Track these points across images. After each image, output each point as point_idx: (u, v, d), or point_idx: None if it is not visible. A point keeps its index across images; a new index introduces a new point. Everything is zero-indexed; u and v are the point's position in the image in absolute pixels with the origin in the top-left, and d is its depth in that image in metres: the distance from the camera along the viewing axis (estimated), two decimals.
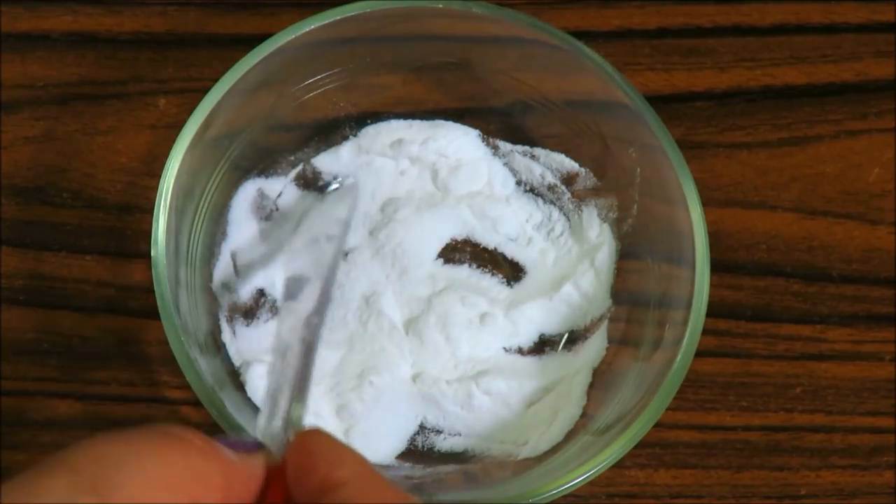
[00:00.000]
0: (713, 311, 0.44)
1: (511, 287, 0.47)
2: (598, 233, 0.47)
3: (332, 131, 0.48)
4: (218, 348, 0.45)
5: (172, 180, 0.41)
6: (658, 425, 0.40)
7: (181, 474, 0.26)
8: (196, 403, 0.39)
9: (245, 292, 0.46)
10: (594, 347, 0.46)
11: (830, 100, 0.52)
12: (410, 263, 0.46)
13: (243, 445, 0.29)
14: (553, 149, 0.48)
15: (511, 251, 0.48)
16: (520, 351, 0.46)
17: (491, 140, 0.48)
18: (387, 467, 0.44)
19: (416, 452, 0.45)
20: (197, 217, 0.44)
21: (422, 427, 0.45)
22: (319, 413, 0.44)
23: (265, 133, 0.46)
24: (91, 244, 0.48)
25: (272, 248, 0.46)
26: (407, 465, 0.44)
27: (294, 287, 0.37)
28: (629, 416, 0.40)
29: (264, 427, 0.31)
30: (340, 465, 0.28)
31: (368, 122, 0.48)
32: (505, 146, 0.49)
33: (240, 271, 0.46)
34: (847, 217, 0.50)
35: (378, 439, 0.44)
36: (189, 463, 0.27)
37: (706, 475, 0.46)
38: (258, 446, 0.30)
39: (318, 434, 0.30)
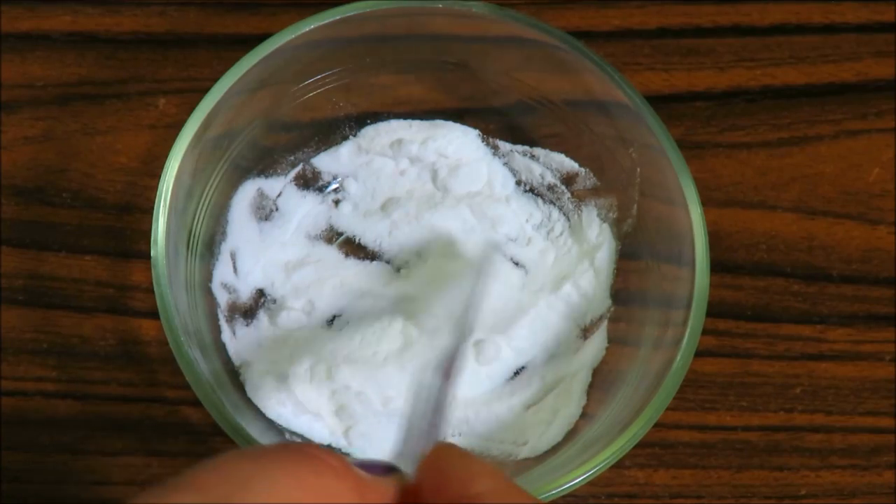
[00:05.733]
0: (713, 311, 0.44)
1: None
2: (597, 233, 0.47)
3: (331, 131, 0.48)
4: (218, 348, 0.45)
5: (172, 180, 0.41)
6: (658, 425, 0.40)
7: (312, 494, 0.25)
8: (196, 403, 0.39)
9: (245, 292, 0.46)
10: (594, 347, 0.46)
11: (830, 100, 0.52)
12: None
13: (375, 467, 0.28)
14: (553, 149, 0.48)
15: (511, 251, 0.48)
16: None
17: (491, 140, 0.49)
18: None
19: None
20: (197, 217, 0.44)
21: None
22: (319, 414, 0.44)
23: (265, 133, 0.46)
24: (91, 244, 0.48)
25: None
26: None
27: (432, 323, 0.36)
28: (629, 416, 0.40)
29: (399, 450, 0.30)
30: (476, 478, 0.27)
31: (368, 122, 0.48)
32: (505, 146, 0.49)
33: (239, 275, 0.46)
34: (847, 217, 0.50)
35: (378, 439, 0.44)
36: (322, 483, 0.26)
37: (706, 475, 0.46)
38: (390, 469, 0.29)
39: (449, 448, 0.29)
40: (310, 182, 0.48)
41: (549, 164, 0.48)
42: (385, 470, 0.28)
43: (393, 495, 0.28)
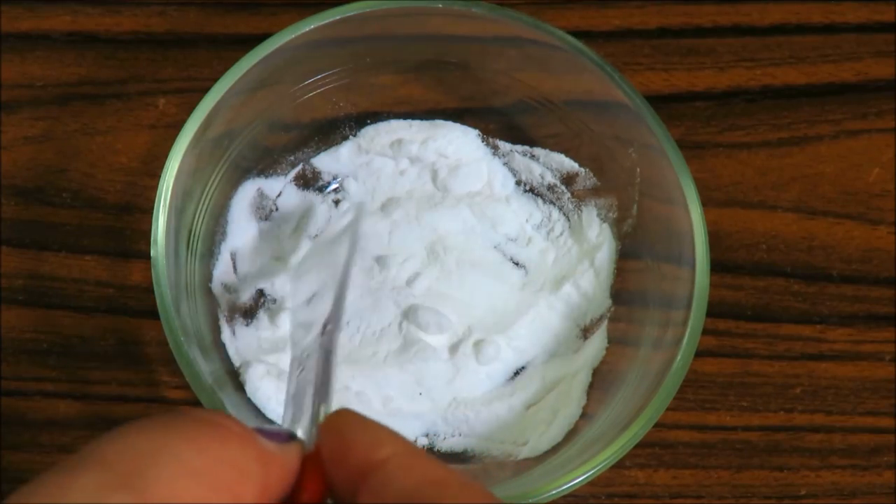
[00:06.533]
0: (713, 311, 0.44)
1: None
2: (597, 233, 0.47)
3: (331, 131, 0.48)
4: (218, 348, 0.45)
5: (172, 180, 0.41)
6: (658, 425, 0.40)
7: (219, 465, 0.25)
8: (196, 403, 0.39)
9: (245, 292, 0.46)
10: (594, 347, 0.46)
11: (830, 100, 0.52)
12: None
13: (279, 435, 0.27)
14: (553, 149, 0.48)
15: (511, 251, 0.48)
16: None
17: (491, 140, 0.49)
18: None
19: None
20: (197, 217, 0.44)
21: None
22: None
23: (265, 133, 0.46)
24: (90, 244, 0.48)
25: (273, 252, 0.46)
26: None
27: (306, 294, 0.35)
28: (629, 416, 0.40)
29: (290, 420, 0.30)
30: (378, 444, 0.26)
31: (368, 121, 0.48)
32: (505, 146, 0.49)
33: (239, 275, 0.46)
34: (847, 217, 0.50)
35: None
36: (227, 453, 0.25)
37: (706, 475, 0.46)
38: (292, 436, 0.28)
39: (349, 414, 0.28)
40: (310, 182, 0.48)
41: (549, 164, 0.48)
42: (288, 437, 0.28)
43: (295, 465, 0.27)
